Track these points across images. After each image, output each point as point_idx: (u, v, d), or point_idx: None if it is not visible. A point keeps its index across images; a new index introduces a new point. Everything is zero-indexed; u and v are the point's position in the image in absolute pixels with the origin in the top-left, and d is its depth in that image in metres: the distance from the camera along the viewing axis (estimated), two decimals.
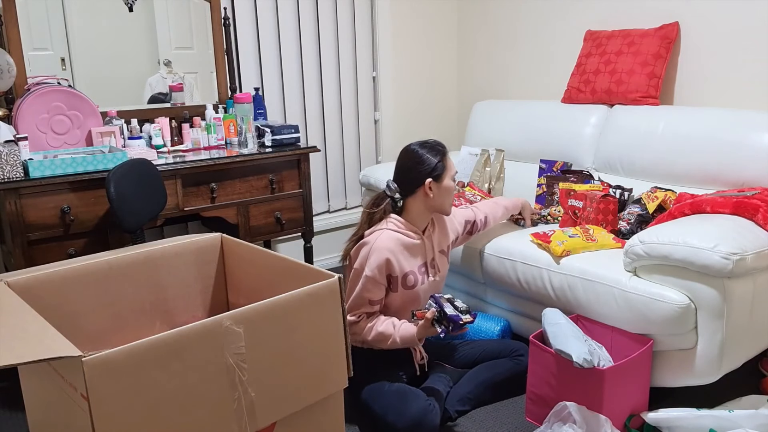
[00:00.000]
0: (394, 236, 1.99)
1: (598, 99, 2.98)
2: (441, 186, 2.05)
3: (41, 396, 1.29)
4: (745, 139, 2.40)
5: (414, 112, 3.90)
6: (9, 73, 2.50)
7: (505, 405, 2.25)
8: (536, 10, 3.47)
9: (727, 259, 1.85)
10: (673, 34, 2.81)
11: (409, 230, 2.03)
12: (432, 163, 2.03)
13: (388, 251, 1.97)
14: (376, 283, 1.98)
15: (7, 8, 2.57)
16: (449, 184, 2.04)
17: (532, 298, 2.42)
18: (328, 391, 1.40)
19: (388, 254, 1.97)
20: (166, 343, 1.09)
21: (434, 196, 2.04)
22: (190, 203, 2.66)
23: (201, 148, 2.92)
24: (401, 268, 2.00)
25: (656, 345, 2.04)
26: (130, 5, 2.91)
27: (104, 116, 2.75)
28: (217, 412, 1.18)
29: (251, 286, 1.63)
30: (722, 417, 1.91)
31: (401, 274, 2.01)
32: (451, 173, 2.05)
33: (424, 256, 2.06)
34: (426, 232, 2.08)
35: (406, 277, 2.02)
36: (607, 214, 2.47)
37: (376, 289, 1.99)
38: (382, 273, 1.97)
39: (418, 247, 2.05)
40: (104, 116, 2.75)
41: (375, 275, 1.96)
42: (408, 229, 2.03)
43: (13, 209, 2.25)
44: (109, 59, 2.92)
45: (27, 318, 1.16)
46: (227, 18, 3.13)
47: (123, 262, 1.53)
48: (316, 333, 1.34)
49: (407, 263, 2.02)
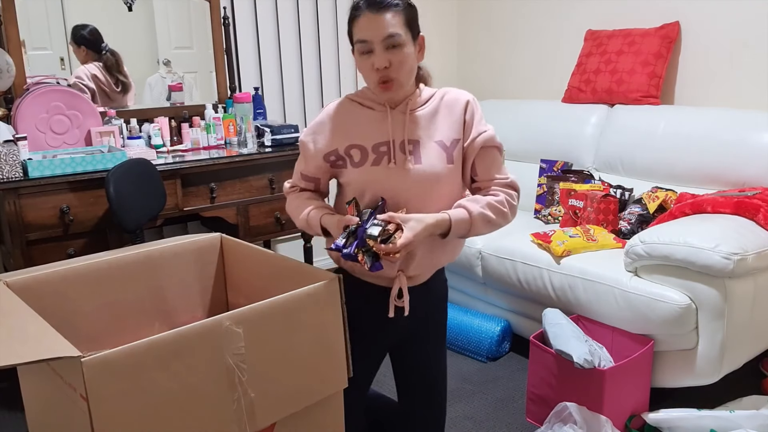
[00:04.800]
0: (345, 102, 1.58)
1: (598, 99, 2.97)
2: (356, 58, 1.52)
3: (40, 396, 1.28)
4: (745, 139, 2.40)
5: None
6: (8, 73, 2.50)
7: (506, 405, 2.25)
8: (537, 10, 3.47)
9: (728, 259, 1.85)
10: (673, 34, 2.81)
11: (367, 99, 1.57)
12: (348, 30, 1.54)
13: (326, 115, 1.58)
14: (307, 153, 1.59)
15: (7, 8, 2.56)
16: (358, 58, 1.50)
17: (532, 298, 2.42)
18: (328, 391, 1.39)
19: (325, 118, 1.58)
20: (166, 343, 1.09)
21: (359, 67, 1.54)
22: (189, 203, 2.65)
23: (200, 147, 2.91)
24: (347, 140, 1.54)
25: (657, 345, 2.03)
26: (130, 5, 2.91)
27: (103, 116, 2.75)
28: (217, 412, 1.18)
29: (251, 286, 1.63)
30: (723, 417, 1.91)
31: (344, 147, 1.55)
32: (358, 48, 1.49)
33: (388, 134, 1.52)
34: (400, 106, 1.54)
35: (349, 151, 1.54)
36: (608, 214, 2.46)
37: (306, 162, 1.60)
38: (316, 141, 1.56)
39: (377, 121, 1.54)
40: (103, 116, 2.75)
41: (306, 141, 1.58)
42: (367, 98, 1.57)
43: (13, 209, 2.25)
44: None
45: (26, 318, 1.16)
46: (227, 17, 3.13)
47: (122, 262, 1.52)
48: (316, 333, 1.33)
49: (356, 135, 1.54)
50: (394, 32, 1.43)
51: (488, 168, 1.56)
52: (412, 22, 1.49)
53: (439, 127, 1.54)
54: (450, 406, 2.24)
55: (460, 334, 2.60)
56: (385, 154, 1.51)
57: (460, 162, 1.55)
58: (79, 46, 2.84)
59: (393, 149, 1.51)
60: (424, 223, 1.42)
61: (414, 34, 1.50)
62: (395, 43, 1.44)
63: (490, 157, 1.56)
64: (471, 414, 2.20)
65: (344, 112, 1.57)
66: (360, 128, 1.55)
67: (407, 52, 1.47)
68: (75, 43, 2.84)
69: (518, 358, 2.57)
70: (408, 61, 1.47)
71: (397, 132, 1.53)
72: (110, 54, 2.89)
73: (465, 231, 1.49)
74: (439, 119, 1.55)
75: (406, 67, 1.47)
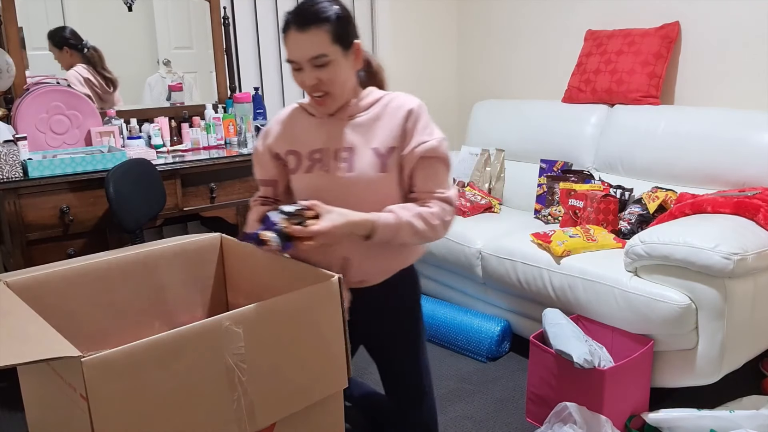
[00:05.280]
0: (294, 108, 1.61)
1: (598, 99, 2.97)
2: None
3: (40, 396, 1.28)
4: (745, 139, 2.40)
5: None
6: (8, 73, 2.50)
7: (505, 405, 2.25)
8: (536, 10, 3.47)
9: (728, 259, 1.85)
10: (673, 34, 2.80)
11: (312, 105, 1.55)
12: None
13: (275, 120, 1.60)
14: (258, 158, 1.63)
15: (7, 8, 2.57)
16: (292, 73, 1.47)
17: (532, 298, 2.42)
18: (328, 391, 1.39)
19: (275, 124, 1.60)
20: (166, 343, 1.09)
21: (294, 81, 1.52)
22: (189, 203, 2.65)
23: (200, 147, 2.91)
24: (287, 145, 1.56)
25: (657, 345, 2.03)
26: (130, 5, 2.91)
27: (103, 116, 2.75)
28: (217, 412, 1.18)
29: (251, 286, 1.63)
30: (723, 417, 1.90)
31: (284, 152, 1.57)
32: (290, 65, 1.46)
33: (324, 141, 1.51)
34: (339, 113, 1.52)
35: (287, 156, 1.57)
36: (608, 214, 2.46)
37: (260, 166, 1.64)
38: (265, 146, 1.60)
39: (315, 127, 1.54)
40: (103, 116, 2.75)
41: (257, 147, 1.62)
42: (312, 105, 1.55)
43: (13, 209, 2.25)
44: (108, 59, 2.91)
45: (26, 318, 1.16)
46: (227, 17, 3.13)
47: (122, 262, 1.52)
48: (316, 333, 1.33)
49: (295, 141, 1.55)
50: (320, 53, 1.40)
51: (426, 179, 1.50)
52: (342, 35, 1.42)
53: (378, 134, 1.50)
54: (450, 406, 2.25)
55: (460, 334, 2.60)
56: (318, 161, 1.51)
57: (395, 170, 1.50)
58: (61, 49, 2.81)
59: (327, 157, 1.50)
60: (346, 218, 1.38)
61: (346, 45, 1.44)
62: (322, 63, 1.41)
63: (431, 168, 1.50)
64: (471, 414, 2.20)
65: (290, 117, 1.58)
66: (300, 135, 1.55)
67: (338, 68, 1.43)
68: (56, 47, 2.80)
69: (518, 358, 2.57)
70: (339, 76, 1.44)
71: (332, 139, 1.51)
72: (93, 50, 2.86)
73: (390, 236, 1.44)
74: (379, 126, 1.50)
75: (338, 82, 1.45)
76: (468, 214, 2.90)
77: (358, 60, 1.49)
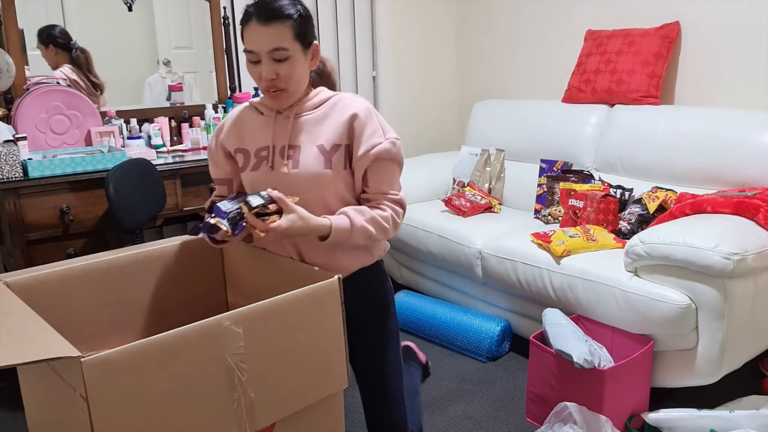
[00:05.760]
0: (245, 107, 1.61)
1: (598, 99, 2.97)
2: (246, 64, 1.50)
3: (40, 396, 1.28)
4: (745, 139, 2.40)
5: (414, 112, 3.90)
6: (8, 73, 2.50)
7: (505, 405, 2.25)
8: (536, 10, 3.47)
9: (728, 259, 1.85)
10: (673, 34, 2.81)
11: (262, 104, 1.57)
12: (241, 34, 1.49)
13: (227, 118, 1.61)
14: (212, 156, 1.63)
15: (7, 8, 2.57)
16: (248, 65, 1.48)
17: (532, 298, 2.42)
18: (328, 391, 1.40)
19: (225, 121, 1.61)
20: (166, 343, 1.09)
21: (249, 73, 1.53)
22: (189, 203, 2.65)
23: (200, 147, 2.91)
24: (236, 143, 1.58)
25: (657, 345, 2.03)
26: (130, 5, 2.91)
27: (103, 116, 2.75)
28: (217, 412, 1.18)
29: (251, 286, 1.63)
30: (723, 417, 1.90)
31: (233, 149, 1.58)
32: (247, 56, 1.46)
33: (270, 139, 1.52)
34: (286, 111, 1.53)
35: (236, 155, 1.58)
36: (608, 214, 2.46)
37: (214, 164, 1.64)
38: (217, 145, 1.60)
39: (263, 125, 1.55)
40: (103, 116, 2.75)
41: (210, 145, 1.63)
42: (262, 103, 1.57)
43: (13, 209, 2.25)
44: (108, 59, 2.92)
45: (26, 318, 1.16)
46: (226, 17, 3.13)
47: (122, 262, 1.52)
48: (316, 333, 1.33)
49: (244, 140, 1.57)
50: (281, 47, 1.40)
51: (379, 181, 1.51)
52: (303, 33, 1.44)
53: (324, 131, 1.51)
54: (449, 405, 2.25)
55: (460, 334, 2.60)
56: (264, 159, 1.52)
57: (340, 167, 1.50)
58: (47, 46, 2.78)
59: (273, 154, 1.51)
60: (306, 222, 1.40)
61: (305, 44, 1.45)
62: (282, 57, 1.41)
63: (384, 170, 1.51)
64: (471, 414, 2.20)
65: (241, 116, 1.60)
66: (248, 133, 1.56)
67: (296, 64, 1.44)
68: (43, 44, 2.77)
69: (518, 358, 2.57)
70: (296, 72, 1.45)
71: (278, 137, 1.52)
72: (80, 52, 2.83)
73: (344, 239, 1.46)
74: (325, 124, 1.51)
75: (294, 78, 1.46)
76: (468, 214, 2.90)
77: (314, 60, 1.51)
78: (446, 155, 3.53)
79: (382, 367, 1.66)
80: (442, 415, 2.20)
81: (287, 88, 1.46)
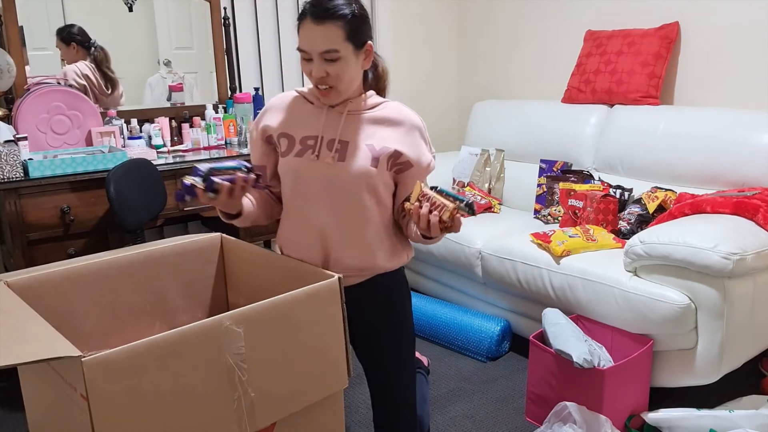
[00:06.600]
0: (291, 94, 1.63)
1: (598, 99, 2.97)
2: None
3: (41, 396, 1.29)
4: (745, 139, 2.40)
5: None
6: (8, 73, 2.50)
7: (505, 405, 2.25)
8: (536, 10, 3.47)
9: (728, 259, 1.85)
10: (673, 34, 2.81)
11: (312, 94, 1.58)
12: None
13: (271, 102, 1.63)
14: (252, 139, 1.64)
15: (7, 8, 2.57)
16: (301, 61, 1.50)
17: (532, 298, 2.42)
18: (328, 391, 1.40)
19: (269, 105, 1.62)
20: (166, 343, 1.09)
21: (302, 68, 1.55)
22: (189, 203, 2.65)
23: (201, 148, 2.92)
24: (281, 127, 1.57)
25: (656, 345, 2.04)
26: (130, 5, 2.91)
27: (104, 116, 2.75)
28: (217, 412, 1.18)
29: (251, 286, 1.63)
30: (722, 417, 1.91)
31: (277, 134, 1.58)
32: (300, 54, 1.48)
33: (319, 129, 1.53)
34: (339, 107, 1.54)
35: (280, 139, 1.57)
36: (608, 214, 2.47)
37: (252, 148, 1.65)
38: (258, 124, 1.61)
39: (312, 115, 1.56)
40: (104, 116, 2.75)
41: (251, 130, 1.65)
42: (312, 93, 1.58)
43: (13, 209, 2.25)
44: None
45: (26, 318, 1.16)
46: (227, 18, 3.13)
47: (123, 262, 1.53)
48: (316, 333, 1.34)
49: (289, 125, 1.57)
50: (332, 48, 1.40)
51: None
52: (356, 33, 1.43)
53: (377, 132, 1.52)
54: (449, 405, 2.25)
55: (460, 334, 2.61)
56: (310, 148, 1.52)
57: (384, 168, 1.51)
58: (68, 44, 2.83)
59: (320, 144, 1.51)
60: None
61: (358, 44, 1.45)
62: (333, 57, 1.41)
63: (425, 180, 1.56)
64: (471, 414, 2.21)
65: (287, 102, 1.60)
66: (295, 119, 1.56)
67: (346, 65, 1.44)
68: (64, 43, 2.82)
69: (518, 357, 2.57)
70: (347, 72, 1.45)
71: (328, 129, 1.52)
72: (100, 49, 2.89)
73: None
74: (379, 126, 1.53)
75: (345, 78, 1.46)
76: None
77: (368, 60, 1.51)
78: (446, 155, 3.53)
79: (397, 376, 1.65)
80: (442, 415, 2.20)
81: (337, 87, 1.46)
